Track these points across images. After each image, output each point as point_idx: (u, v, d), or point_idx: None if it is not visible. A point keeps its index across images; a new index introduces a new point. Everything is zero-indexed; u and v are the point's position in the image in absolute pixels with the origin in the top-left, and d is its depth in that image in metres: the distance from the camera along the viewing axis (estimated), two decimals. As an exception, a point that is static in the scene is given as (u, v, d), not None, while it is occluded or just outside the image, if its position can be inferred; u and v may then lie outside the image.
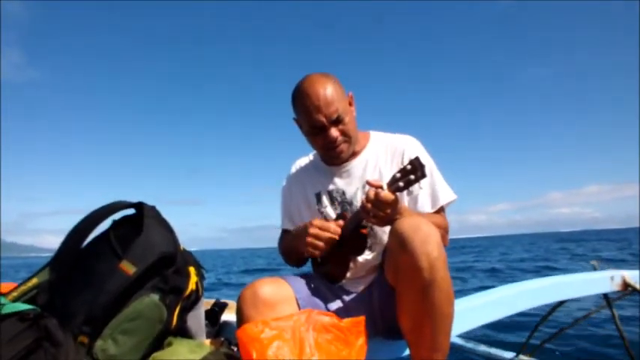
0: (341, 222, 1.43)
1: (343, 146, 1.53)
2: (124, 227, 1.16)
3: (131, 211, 1.21)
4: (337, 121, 1.49)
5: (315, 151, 1.76)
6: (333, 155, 1.56)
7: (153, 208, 1.19)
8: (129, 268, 1.05)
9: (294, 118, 1.60)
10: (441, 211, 1.57)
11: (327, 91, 1.47)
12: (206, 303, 2.04)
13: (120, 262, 1.06)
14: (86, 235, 1.12)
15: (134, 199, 1.21)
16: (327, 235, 1.39)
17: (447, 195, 1.57)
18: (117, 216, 1.19)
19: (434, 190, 1.56)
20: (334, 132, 1.49)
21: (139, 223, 1.13)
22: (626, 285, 2.58)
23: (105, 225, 1.17)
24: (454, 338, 3.93)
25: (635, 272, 2.70)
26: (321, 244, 1.39)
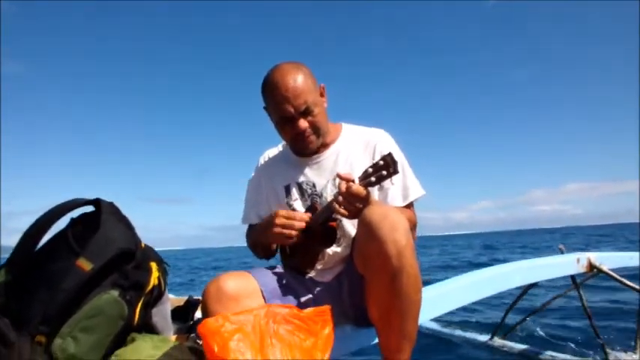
0: (309, 214, 1.43)
1: (312, 137, 1.53)
2: (82, 225, 1.13)
3: (90, 208, 1.19)
4: (306, 113, 1.48)
5: (284, 142, 1.74)
6: (301, 147, 1.55)
7: (111, 204, 1.17)
8: (86, 264, 1.03)
9: (264, 107, 1.59)
10: (410, 206, 1.58)
11: (297, 81, 1.46)
12: (179, 300, 2.02)
13: (77, 260, 1.03)
14: (42, 235, 1.09)
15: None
16: (295, 223, 1.38)
17: (416, 190, 1.58)
18: (75, 214, 1.17)
19: (405, 185, 1.57)
20: (303, 123, 1.48)
21: (97, 219, 1.11)
22: (591, 266, 2.65)
23: (62, 223, 1.15)
24: (430, 323, 4.01)
25: (600, 254, 2.78)
26: (291, 232, 1.38)
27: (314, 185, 1.60)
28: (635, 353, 2.90)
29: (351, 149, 1.60)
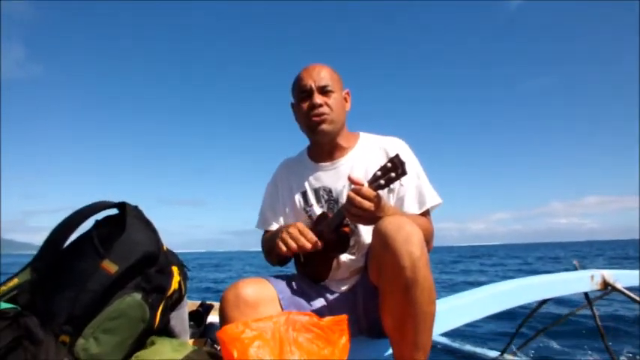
0: (315, 239, 1.43)
1: (326, 117, 1.56)
2: (107, 227, 1.16)
3: (114, 211, 1.21)
4: (325, 91, 1.56)
5: (302, 150, 1.78)
6: (314, 125, 1.57)
7: (136, 207, 1.19)
8: (111, 267, 1.05)
9: (291, 103, 1.67)
10: (426, 214, 1.58)
11: (323, 67, 1.60)
12: (192, 304, 2.04)
13: (102, 262, 1.06)
14: (68, 235, 1.12)
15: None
16: (302, 239, 1.38)
17: (433, 198, 1.58)
18: (100, 216, 1.19)
19: (420, 193, 1.57)
20: (319, 98, 1.55)
21: (122, 222, 1.13)
22: (605, 284, 2.63)
23: (87, 225, 1.17)
24: (440, 338, 3.98)
25: (615, 272, 2.75)
26: (292, 243, 1.38)
27: (330, 191, 1.61)
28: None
29: (367, 156, 1.61)
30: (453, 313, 1.82)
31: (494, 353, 3.61)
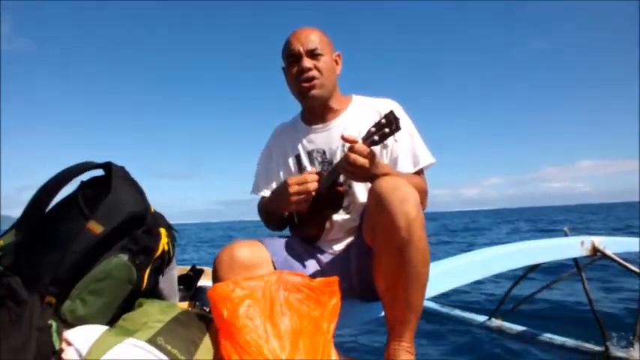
0: (315, 175, 1.44)
1: (315, 82, 1.55)
2: (92, 188, 1.13)
3: (100, 172, 1.18)
4: (314, 55, 1.54)
5: (296, 114, 1.77)
6: (303, 89, 1.57)
7: (122, 168, 1.17)
8: (96, 227, 1.02)
9: (282, 67, 1.65)
10: (420, 173, 1.58)
11: (312, 30, 1.58)
12: (182, 269, 2.03)
13: (87, 222, 1.03)
14: (52, 197, 1.09)
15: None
16: (308, 185, 1.39)
17: (426, 158, 1.58)
18: (85, 177, 1.16)
19: (414, 153, 1.57)
20: (308, 61, 1.53)
21: (108, 183, 1.10)
22: (595, 250, 2.65)
23: (73, 186, 1.14)
24: (429, 303, 4.03)
25: (605, 238, 2.77)
26: (307, 196, 1.40)
27: (324, 152, 1.61)
28: (634, 340, 2.92)
29: (360, 118, 1.60)
30: (441, 277, 1.83)
31: (482, 318, 3.67)
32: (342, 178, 1.49)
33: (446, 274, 1.86)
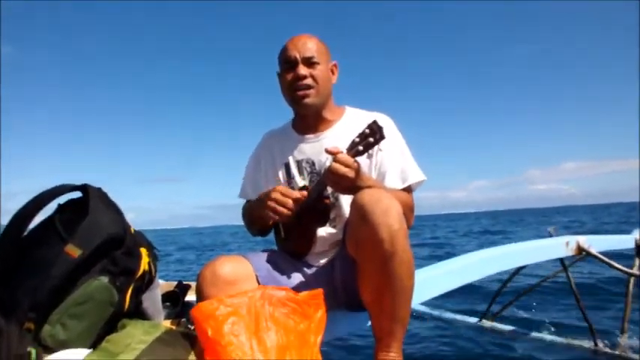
0: (304, 192, 1.43)
1: (309, 91, 1.53)
2: (70, 210, 1.11)
3: (77, 194, 1.16)
4: (309, 63, 1.53)
5: (287, 121, 1.75)
6: (297, 97, 1.55)
7: (99, 189, 1.15)
8: (74, 251, 1.01)
9: (277, 72, 1.63)
10: (409, 191, 1.56)
11: (309, 38, 1.56)
12: (168, 285, 2.01)
13: (65, 246, 1.02)
14: (29, 221, 1.07)
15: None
16: (289, 201, 1.37)
17: (415, 175, 1.56)
18: (62, 200, 1.14)
19: (403, 170, 1.55)
20: (303, 69, 1.52)
21: (85, 205, 1.09)
22: (580, 249, 2.68)
23: (49, 210, 1.12)
24: (420, 306, 4.04)
25: (589, 237, 2.80)
26: (281, 209, 1.37)
27: (313, 163, 1.60)
28: (622, 336, 2.94)
29: (352, 130, 1.58)
30: (431, 282, 1.83)
31: (473, 320, 3.68)
32: (329, 190, 1.48)
33: (435, 279, 1.87)
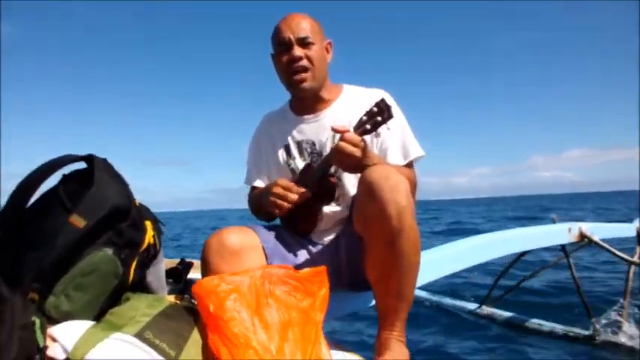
0: (303, 190, 1.43)
1: (305, 75, 1.52)
2: (75, 181, 1.10)
3: (82, 164, 1.16)
4: (304, 43, 1.50)
5: (284, 103, 1.74)
6: (294, 79, 1.53)
7: (104, 160, 1.14)
8: (79, 221, 1.00)
9: (271, 54, 1.61)
10: (410, 166, 1.57)
11: (302, 17, 1.53)
12: (171, 262, 2.01)
13: (69, 216, 1.01)
14: (33, 191, 1.06)
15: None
16: (289, 195, 1.39)
17: (416, 150, 1.57)
18: (67, 170, 1.14)
19: (405, 145, 1.56)
20: (298, 50, 1.50)
21: (91, 176, 1.08)
22: (582, 236, 2.68)
23: (54, 180, 1.12)
24: (420, 291, 4.06)
25: (592, 224, 2.80)
26: (284, 204, 1.40)
27: (313, 144, 1.59)
28: (621, 324, 2.95)
29: (351, 108, 1.57)
30: (432, 265, 1.83)
31: (472, 305, 3.70)
32: (333, 169, 1.48)
33: (436, 263, 1.87)
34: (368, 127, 1.27)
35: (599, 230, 2.80)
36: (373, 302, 1.35)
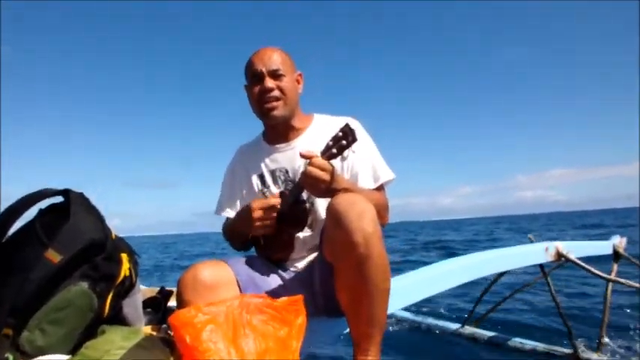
0: (278, 199, 1.45)
1: (277, 103, 1.56)
2: (51, 215, 1.11)
3: (59, 199, 1.16)
4: (276, 75, 1.55)
5: (258, 134, 1.78)
6: (265, 110, 1.57)
7: (81, 194, 1.15)
8: (54, 256, 1.01)
9: (245, 85, 1.65)
10: (381, 189, 1.60)
11: (274, 51, 1.59)
12: (151, 291, 2.00)
13: (45, 251, 1.01)
14: (9, 225, 1.07)
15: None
16: (270, 211, 1.42)
17: (386, 173, 1.60)
18: (44, 204, 1.14)
19: (374, 169, 1.59)
20: (270, 82, 1.54)
21: (67, 210, 1.09)
22: (559, 255, 2.72)
23: (31, 214, 1.12)
24: (402, 312, 4.07)
25: (568, 243, 2.85)
26: (267, 222, 1.43)
27: (287, 171, 1.62)
28: (601, 341, 2.99)
29: (322, 136, 1.60)
30: (412, 287, 1.85)
31: (455, 326, 3.72)
32: (305, 194, 1.51)
33: (416, 285, 1.89)
34: (334, 151, 1.30)
35: (576, 249, 2.85)
36: (348, 329, 1.36)
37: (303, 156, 1.32)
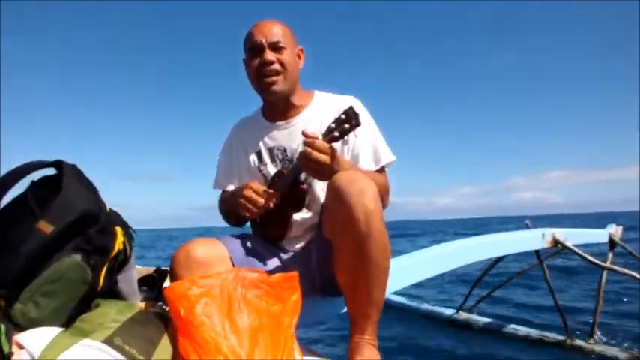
0: (272, 193, 1.43)
1: (277, 78, 1.52)
2: (43, 187, 1.09)
3: (52, 170, 1.15)
4: (276, 48, 1.51)
5: (257, 109, 1.75)
6: (264, 84, 1.54)
7: (74, 166, 1.13)
8: (46, 227, 0.99)
9: (243, 59, 1.61)
10: (382, 171, 1.59)
11: (275, 23, 1.54)
12: (147, 270, 2.00)
13: (37, 222, 1.00)
14: (1, 197, 1.06)
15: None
16: (259, 200, 1.39)
17: (387, 155, 1.58)
18: (36, 177, 1.13)
19: (375, 151, 1.57)
20: (270, 54, 1.50)
21: (59, 182, 1.07)
22: (555, 241, 2.72)
23: (23, 186, 1.11)
24: (398, 297, 4.09)
25: (565, 230, 2.85)
26: (253, 208, 1.40)
27: (285, 150, 1.60)
28: (593, 328, 3.01)
29: (322, 115, 1.58)
30: (407, 270, 1.85)
31: (450, 311, 3.74)
32: (303, 175, 1.49)
33: (411, 268, 1.89)
34: (336, 134, 1.27)
35: (572, 236, 2.85)
36: (345, 308, 1.36)
37: (305, 135, 1.30)
